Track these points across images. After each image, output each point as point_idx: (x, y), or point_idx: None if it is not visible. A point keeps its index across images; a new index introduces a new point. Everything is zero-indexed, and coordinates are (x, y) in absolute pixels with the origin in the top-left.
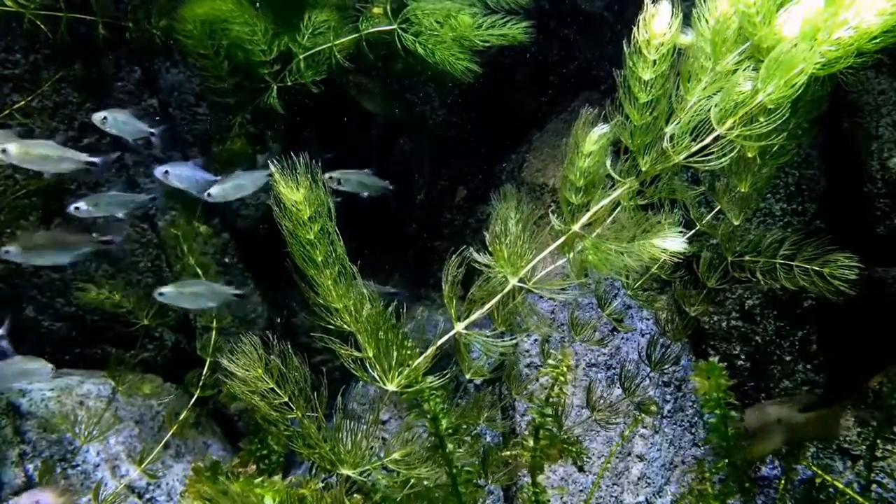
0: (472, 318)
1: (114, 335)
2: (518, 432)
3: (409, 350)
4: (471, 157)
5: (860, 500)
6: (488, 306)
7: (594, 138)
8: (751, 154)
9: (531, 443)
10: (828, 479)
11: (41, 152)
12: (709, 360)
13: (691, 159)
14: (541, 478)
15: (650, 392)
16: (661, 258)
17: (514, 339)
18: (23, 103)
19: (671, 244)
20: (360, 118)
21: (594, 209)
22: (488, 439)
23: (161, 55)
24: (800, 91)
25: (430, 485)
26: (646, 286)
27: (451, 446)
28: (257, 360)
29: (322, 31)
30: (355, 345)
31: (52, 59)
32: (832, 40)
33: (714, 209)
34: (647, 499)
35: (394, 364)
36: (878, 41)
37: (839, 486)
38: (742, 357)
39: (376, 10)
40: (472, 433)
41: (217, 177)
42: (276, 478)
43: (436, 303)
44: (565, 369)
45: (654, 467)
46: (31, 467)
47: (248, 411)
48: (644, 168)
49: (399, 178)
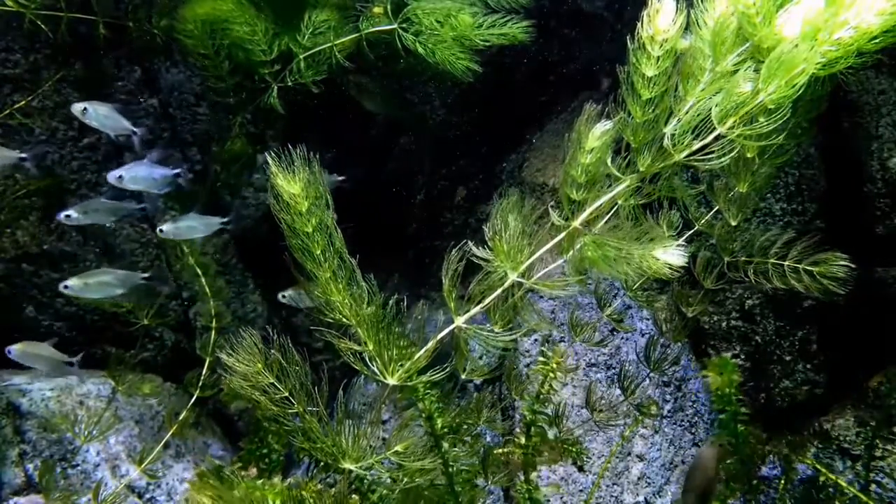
0: (473, 312)
1: (114, 335)
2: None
3: (408, 346)
4: (471, 157)
5: (863, 497)
6: (489, 300)
7: (597, 134)
8: (750, 154)
9: (523, 440)
10: (831, 477)
11: None
12: (721, 356)
13: (692, 158)
14: (540, 476)
15: (650, 392)
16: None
17: (513, 334)
18: (23, 103)
19: (671, 257)
20: (360, 118)
21: (596, 204)
22: (488, 439)
23: (161, 55)
24: (800, 91)
25: (426, 483)
26: (645, 286)
27: (446, 445)
28: (257, 354)
29: (322, 31)
30: (355, 341)
31: (52, 59)
32: (832, 40)
33: (713, 209)
34: (647, 499)
35: (394, 357)
36: (878, 41)
37: (842, 483)
38: (742, 357)
39: (377, 10)
40: (472, 433)
41: (177, 169)
42: (276, 479)
43: (436, 302)
44: (555, 366)
45: (654, 467)
46: (31, 467)
47: (248, 411)
48: (644, 166)
49: (399, 178)
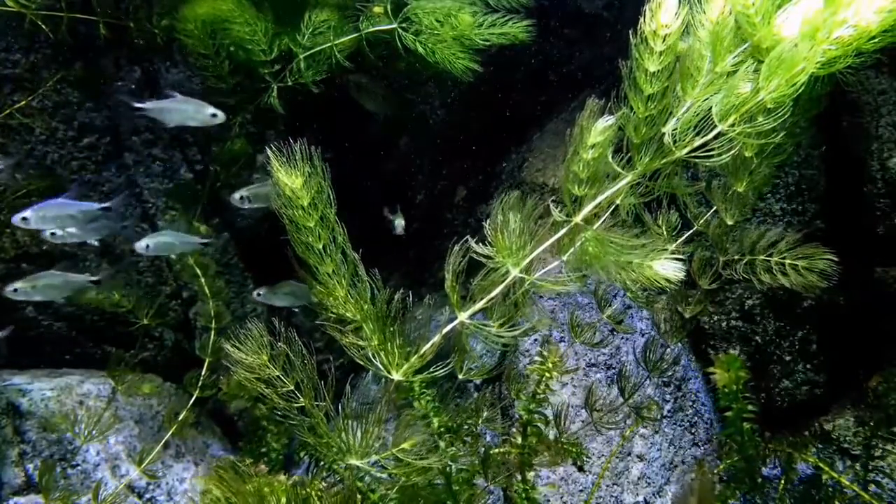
0: (476, 307)
1: (114, 335)
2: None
3: (413, 341)
4: (471, 157)
5: (864, 495)
6: (491, 295)
7: (599, 129)
8: (748, 153)
9: (519, 440)
10: (833, 475)
11: None
12: (728, 353)
13: (693, 154)
14: (539, 476)
15: (649, 392)
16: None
17: (515, 331)
18: (23, 103)
19: (669, 271)
20: (360, 118)
21: (598, 200)
22: (488, 439)
23: (161, 55)
24: (800, 90)
25: (425, 482)
26: (645, 287)
27: (442, 444)
28: (264, 345)
29: (322, 31)
30: (358, 338)
31: (52, 59)
32: (832, 39)
33: (713, 208)
34: (647, 499)
35: (398, 352)
36: (876, 41)
37: (844, 482)
38: (742, 357)
39: (377, 10)
40: (471, 433)
41: (100, 205)
42: (282, 477)
43: (437, 302)
44: (551, 366)
45: (654, 467)
46: (31, 467)
47: (248, 411)
48: (645, 162)
49: (399, 178)
